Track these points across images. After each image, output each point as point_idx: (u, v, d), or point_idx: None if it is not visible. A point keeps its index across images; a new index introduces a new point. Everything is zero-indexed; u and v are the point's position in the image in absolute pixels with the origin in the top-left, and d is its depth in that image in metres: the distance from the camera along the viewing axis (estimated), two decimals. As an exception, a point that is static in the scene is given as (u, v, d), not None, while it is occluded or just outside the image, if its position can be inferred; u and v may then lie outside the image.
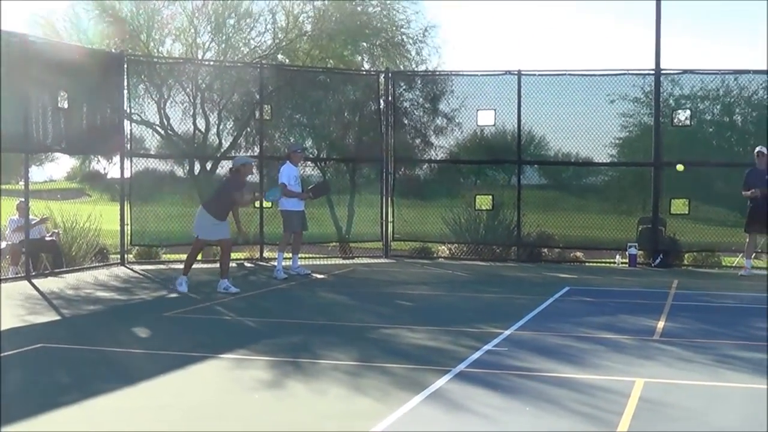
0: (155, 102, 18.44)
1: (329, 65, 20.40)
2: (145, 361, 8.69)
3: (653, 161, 17.51)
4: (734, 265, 17.11)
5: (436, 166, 19.86)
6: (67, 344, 9.64)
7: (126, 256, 16.99)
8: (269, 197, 15.27)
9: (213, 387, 7.70)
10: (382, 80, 19.05)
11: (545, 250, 18.37)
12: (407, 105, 19.55)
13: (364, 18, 20.76)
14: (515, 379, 7.82)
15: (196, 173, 18.78)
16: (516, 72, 17.90)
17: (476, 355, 8.80)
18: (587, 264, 18.02)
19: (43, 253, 15.50)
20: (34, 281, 14.28)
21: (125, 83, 17.04)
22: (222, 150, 18.97)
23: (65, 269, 15.49)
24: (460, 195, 19.34)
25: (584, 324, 10.77)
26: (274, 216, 16.77)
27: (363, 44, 21.00)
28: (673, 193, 17.67)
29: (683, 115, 17.84)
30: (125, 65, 17.00)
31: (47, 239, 15.64)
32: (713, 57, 68.51)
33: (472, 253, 18.57)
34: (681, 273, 16.52)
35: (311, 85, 19.04)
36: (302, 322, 11.06)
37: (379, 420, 6.53)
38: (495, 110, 18.27)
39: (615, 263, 17.57)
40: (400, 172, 19.28)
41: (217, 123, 18.94)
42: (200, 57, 19.62)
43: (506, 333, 10.01)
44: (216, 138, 19.00)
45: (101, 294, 13.35)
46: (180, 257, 17.34)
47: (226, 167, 16.25)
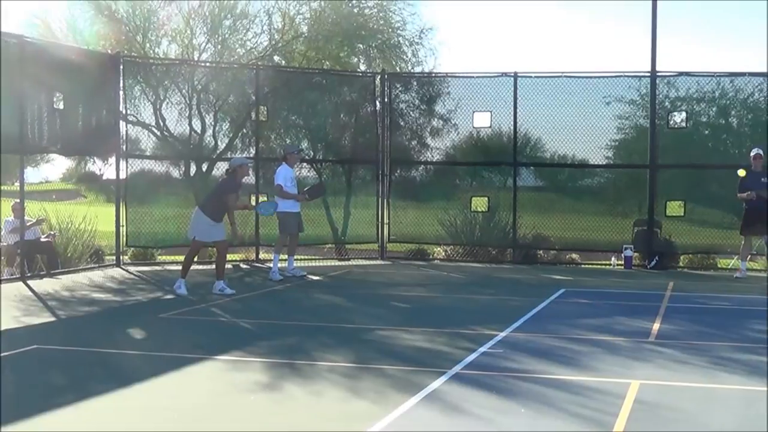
0: (151, 103, 18.41)
1: (325, 67, 20.39)
2: (141, 363, 8.69)
3: (649, 163, 17.52)
4: (730, 268, 17.12)
5: (432, 168, 19.87)
6: (62, 346, 9.65)
7: (121, 258, 16.96)
8: (262, 211, 14.88)
9: (208, 389, 7.69)
10: (378, 82, 19.04)
11: (541, 252, 18.37)
12: (403, 107, 19.54)
13: (361, 19, 20.76)
14: (511, 381, 7.83)
15: (192, 175, 18.75)
16: (512, 74, 17.91)
17: (472, 357, 8.80)
18: (583, 266, 18.02)
19: (39, 255, 15.49)
20: (30, 282, 14.26)
21: (121, 84, 17.03)
22: (218, 151, 18.94)
23: (60, 270, 15.48)
24: (456, 197, 19.34)
25: (580, 326, 10.77)
26: (270, 217, 16.74)
27: (359, 46, 21.00)
28: (669, 196, 17.68)
29: (679, 118, 17.84)
30: (121, 66, 16.99)
31: (43, 240, 15.63)
32: (709, 59, 68.63)
33: (468, 255, 18.57)
34: (676, 275, 16.53)
35: (307, 87, 19.02)
36: (298, 324, 11.05)
37: (376, 421, 6.53)
38: (491, 112, 18.25)
39: (611, 265, 17.57)
40: (396, 174, 19.29)
41: (213, 124, 18.91)
42: (196, 58, 19.61)
43: (502, 335, 10.01)
44: (212, 139, 18.97)
45: (96, 295, 13.33)
46: (176, 259, 17.34)
47: (222, 169, 16.25)
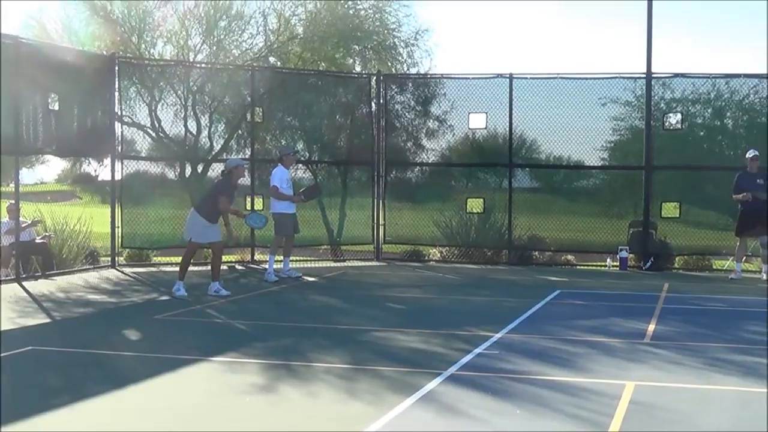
0: (146, 104, 18.38)
1: (321, 68, 20.38)
2: (136, 364, 8.68)
3: (644, 165, 17.53)
4: (725, 269, 17.14)
5: (428, 169, 19.89)
6: (58, 347, 9.64)
7: (117, 259, 16.95)
8: (251, 222, 14.57)
9: (204, 390, 7.69)
10: (374, 83, 19.05)
11: (536, 253, 18.37)
12: (399, 108, 19.55)
13: (356, 21, 20.73)
14: (506, 382, 7.83)
15: (188, 176, 18.72)
16: (507, 75, 17.92)
17: (467, 358, 8.80)
18: (578, 267, 18.04)
19: (34, 256, 15.46)
20: (25, 284, 14.24)
21: (116, 85, 17.02)
22: (213, 152, 18.91)
23: (56, 272, 15.46)
24: (452, 198, 19.36)
25: (575, 327, 10.78)
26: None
27: (355, 47, 20.97)
28: (664, 197, 17.70)
29: (674, 119, 17.87)
30: (116, 67, 16.98)
31: (38, 242, 15.60)
32: (704, 61, 68.77)
33: (464, 256, 18.57)
34: (672, 276, 16.55)
35: (303, 88, 19.01)
36: (293, 325, 11.05)
37: (371, 422, 6.53)
38: (486, 113, 18.27)
39: (606, 266, 17.59)
40: (392, 175, 19.29)
41: (209, 125, 18.89)
42: (192, 59, 19.58)
43: (497, 336, 10.02)
44: (207, 140, 18.95)
45: (92, 297, 13.32)
46: (171, 260, 17.34)
47: (218, 170, 16.22)
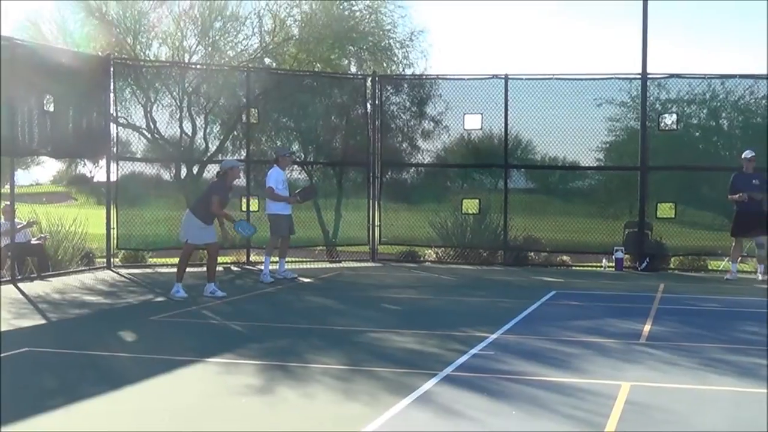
0: (142, 105, 18.38)
1: (316, 69, 20.38)
2: (132, 366, 8.67)
3: (640, 165, 17.54)
4: (720, 269, 17.16)
5: (423, 170, 19.89)
6: (53, 348, 9.62)
7: (112, 260, 16.92)
8: (239, 229, 14.08)
9: (200, 391, 7.68)
10: (369, 84, 19.04)
11: (532, 254, 18.37)
12: (394, 109, 19.55)
13: (351, 22, 20.75)
14: (502, 383, 7.83)
15: (183, 177, 18.72)
16: (503, 76, 17.92)
17: (463, 359, 8.80)
18: (574, 268, 18.05)
19: (29, 257, 15.43)
20: (20, 285, 14.21)
21: (112, 86, 17.00)
22: (209, 154, 18.90)
23: (51, 273, 15.43)
24: (447, 199, 19.37)
25: (570, 328, 10.78)
26: (262, 220, 16.74)
27: (350, 48, 20.98)
28: (660, 197, 17.71)
29: (670, 120, 17.88)
30: (112, 68, 16.97)
31: (33, 243, 15.58)
32: (699, 61, 68.82)
33: (459, 257, 18.58)
34: (667, 277, 16.56)
35: (298, 89, 19.01)
36: (289, 326, 11.05)
37: (368, 423, 6.53)
38: (482, 114, 18.25)
39: (601, 267, 17.59)
40: (387, 176, 19.28)
41: (204, 126, 18.88)
42: (187, 60, 19.58)
43: (493, 337, 10.02)
44: (203, 142, 18.94)
45: (87, 298, 13.30)
46: (166, 261, 17.33)
47: (213, 171, 16.21)
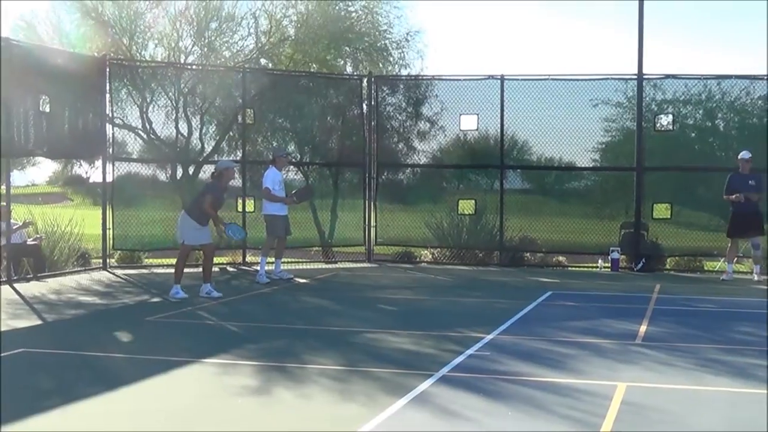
0: (138, 106, 18.35)
1: (312, 69, 20.38)
2: (128, 366, 8.67)
3: (636, 166, 17.55)
4: (716, 270, 17.18)
5: (419, 171, 19.90)
6: (49, 349, 9.61)
7: (108, 261, 16.91)
8: (230, 233, 13.88)
9: (196, 392, 7.68)
10: (365, 84, 19.04)
11: (528, 255, 18.37)
12: (390, 109, 19.55)
13: (347, 22, 20.74)
14: (498, 383, 7.84)
15: (179, 177, 18.71)
16: (499, 76, 17.93)
17: (459, 360, 8.81)
18: (570, 268, 18.04)
19: (25, 258, 15.41)
20: (16, 286, 14.19)
21: (107, 87, 16.99)
22: (205, 154, 18.89)
23: (47, 274, 15.42)
24: (443, 199, 19.37)
25: (566, 328, 10.78)
26: (257, 220, 16.75)
27: (346, 48, 20.97)
28: (656, 198, 17.73)
29: (666, 120, 17.90)
30: (107, 69, 16.95)
31: (29, 243, 15.56)
32: (696, 62, 68.87)
33: (455, 258, 18.58)
34: (663, 277, 16.57)
35: (294, 90, 19.01)
36: (285, 327, 11.05)
37: (364, 423, 6.53)
38: (478, 115, 18.26)
39: (597, 267, 17.60)
40: (383, 177, 19.28)
41: (200, 127, 18.87)
42: (183, 61, 19.56)
43: (489, 337, 10.02)
44: (199, 142, 18.93)
45: (83, 298, 13.29)
46: (162, 261, 17.32)
47: (209, 171, 16.18)
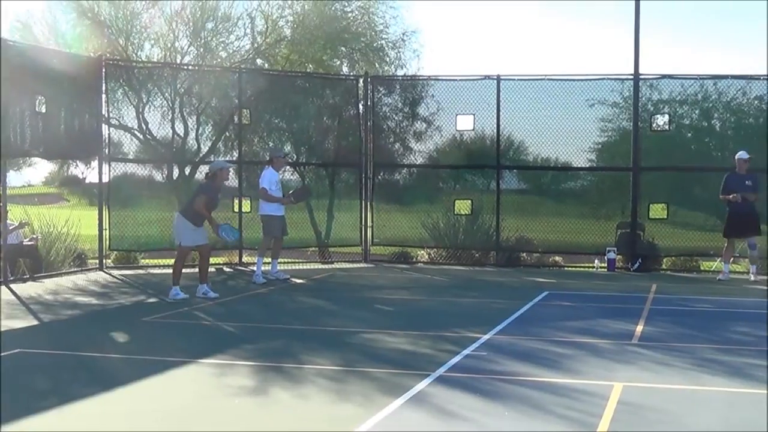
0: (134, 106, 18.33)
1: (308, 70, 20.37)
2: (124, 366, 8.67)
3: (632, 166, 17.55)
4: (712, 270, 17.18)
5: (416, 171, 19.88)
6: (46, 349, 9.60)
7: (104, 261, 16.88)
8: (223, 234, 13.53)
9: (193, 392, 7.68)
10: (362, 85, 19.03)
11: (524, 255, 18.36)
12: (386, 109, 19.54)
13: (344, 22, 20.73)
14: (495, 383, 7.84)
15: (175, 178, 18.69)
16: (495, 77, 17.92)
17: (456, 360, 8.81)
18: (566, 268, 18.04)
19: (22, 258, 15.39)
20: (12, 286, 14.18)
21: (104, 87, 16.96)
22: (201, 155, 18.86)
23: (43, 274, 15.39)
24: (440, 200, 19.37)
25: (563, 328, 10.79)
26: (254, 220, 16.75)
27: (342, 49, 20.97)
28: (652, 198, 17.72)
29: (662, 120, 17.90)
30: (103, 69, 16.94)
31: (25, 244, 15.54)
32: (692, 62, 68.86)
33: (452, 258, 18.57)
34: (659, 277, 16.58)
35: (290, 90, 18.99)
36: (282, 327, 11.05)
37: (361, 423, 6.53)
38: (474, 115, 18.25)
39: (594, 268, 17.60)
40: (380, 177, 19.27)
41: (196, 127, 18.83)
42: (179, 61, 19.55)
43: (485, 337, 10.03)
44: (195, 142, 18.89)
45: (80, 299, 13.27)
46: (159, 262, 17.30)
47: (205, 172, 16.18)
